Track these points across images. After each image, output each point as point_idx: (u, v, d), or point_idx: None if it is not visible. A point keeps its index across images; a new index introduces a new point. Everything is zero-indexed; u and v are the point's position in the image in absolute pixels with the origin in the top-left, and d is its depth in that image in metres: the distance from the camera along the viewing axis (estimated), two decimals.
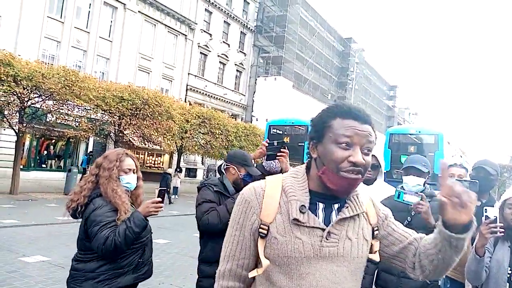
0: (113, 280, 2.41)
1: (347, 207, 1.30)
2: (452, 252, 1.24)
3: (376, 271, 2.91)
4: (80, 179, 20.41)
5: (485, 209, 2.29)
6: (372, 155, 2.56)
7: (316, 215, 1.27)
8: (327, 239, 1.24)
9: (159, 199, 2.43)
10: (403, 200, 2.67)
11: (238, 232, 1.31)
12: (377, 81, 59.28)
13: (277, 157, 2.98)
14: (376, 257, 1.35)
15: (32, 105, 14.64)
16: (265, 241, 1.26)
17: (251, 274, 1.30)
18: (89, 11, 23.95)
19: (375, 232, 1.37)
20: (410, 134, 17.10)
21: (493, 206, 2.79)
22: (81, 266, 2.45)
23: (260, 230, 1.26)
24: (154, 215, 2.42)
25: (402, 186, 2.87)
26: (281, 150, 2.95)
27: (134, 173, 2.64)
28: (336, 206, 1.30)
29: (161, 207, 2.42)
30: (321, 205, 1.29)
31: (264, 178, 1.39)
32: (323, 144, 1.28)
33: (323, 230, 1.25)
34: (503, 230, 2.23)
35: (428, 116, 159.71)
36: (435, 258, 1.27)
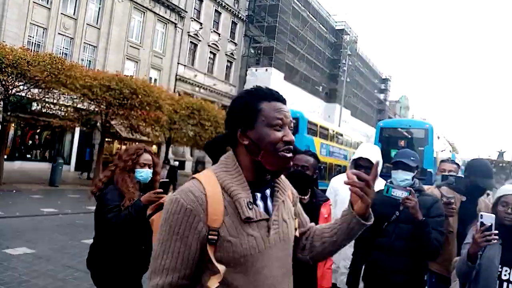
0: (125, 258, 2.80)
1: (277, 190, 1.36)
2: (345, 237, 1.41)
3: (363, 266, 2.92)
4: (81, 172, 20.32)
5: (481, 215, 2.23)
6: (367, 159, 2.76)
7: (257, 206, 1.28)
8: (272, 228, 1.28)
9: (161, 190, 2.68)
10: (392, 195, 2.66)
11: (179, 243, 1.20)
12: (369, 74, 59.41)
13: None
14: (297, 233, 1.44)
15: (17, 93, 14.32)
16: (215, 247, 1.21)
17: (213, 286, 1.20)
18: None
19: (293, 210, 1.44)
20: (400, 127, 17.25)
21: (478, 202, 2.81)
22: (97, 245, 2.93)
23: (210, 237, 1.20)
24: (156, 201, 2.64)
25: (391, 181, 2.86)
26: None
27: (150, 168, 2.93)
28: (268, 191, 1.34)
29: (163, 196, 2.64)
30: (258, 195, 1.31)
31: None
32: (256, 129, 1.29)
33: (268, 220, 1.28)
34: (497, 237, 2.19)
35: (420, 110, 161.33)
36: (328, 240, 1.43)
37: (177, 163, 19.67)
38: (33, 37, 21.46)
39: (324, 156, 18.63)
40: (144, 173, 2.89)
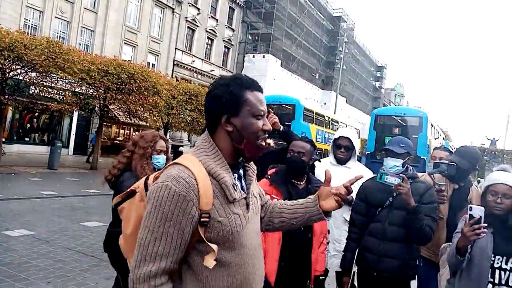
0: None
1: (248, 169, 1.47)
2: (302, 223, 1.62)
3: (356, 250, 2.99)
4: (89, 155, 20.33)
5: (470, 207, 2.17)
6: (347, 137, 3.09)
7: (237, 186, 1.38)
8: (249, 205, 1.41)
9: None
10: (385, 181, 2.71)
11: (172, 229, 1.23)
12: (365, 61, 59.24)
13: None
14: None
15: (14, 77, 14.26)
16: (204, 227, 1.27)
17: (211, 265, 1.26)
18: None
19: (257, 185, 1.59)
20: (395, 115, 17.33)
21: (470, 191, 2.83)
22: (115, 229, 2.76)
23: (202, 219, 1.26)
24: None
25: (383, 168, 2.90)
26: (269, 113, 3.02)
27: (164, 154, 2.97)
28: (241, 171, 1.45)
29: None
30: (235, 176, 1.39)
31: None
32: (240, 117, 1.34)
33: (246, 198, 1.40)
34: (486, 230, 2.14)
35: (415, 98, 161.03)
36: (286, 221, 1.63)
37: (183, 148, 19.71)
38: (29, 20, 21.23)
39: (320, 143, 18.77)
40: (161, 159, 2.94)
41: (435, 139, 18.52)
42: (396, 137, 3.13)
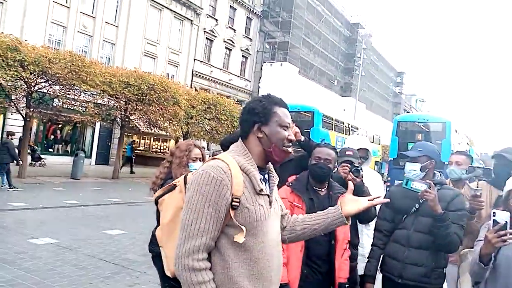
0: None
1: (272, 176, 1.69)
2: (324, 229, 1.79)
3: (381, 256, 2.93)
4: (122, 165, 20.90)
5: (493, 213, 2.03)
6: (365, 148, 3.23)
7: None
8: (272, 203, 1.62)
9: None
10: (411, 187, 2.65)
11: (211, 209, 1.44)
12: (384, 67, 58.67)
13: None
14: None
15: (39, 90, 14.68)
16: (235, 212, 1.47)
17: (240, 240, 1.46)
18: None
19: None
20: (418, 122, 17.16)
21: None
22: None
23: (234, 203, 1.47)
24: None
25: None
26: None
27: (200, 161, 3.11)
28: (266, 176, 1.66)
29: None
30: (261, 177, 1.60)
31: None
32: (269, 126, 1.61)
33: (269, 196, 1.61)
34: None
35: (436, 103, 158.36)
36: (309, 227, 1.80)
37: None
38: (53, 36, 21.91)
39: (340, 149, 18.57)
40: (197, 166, 3.04)
41: (458, 144, 18.18)
42: (418, 142, 3.07)
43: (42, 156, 19.43)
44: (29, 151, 16.67)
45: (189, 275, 1.43)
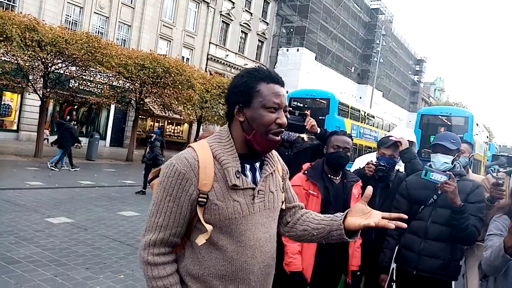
0: None
1: (266, 164, 1.47)
2: (322, 237, 1.53)
3: (396, 247, 2.89)
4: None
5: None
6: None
7: (245, 176, 1.39)
8: (257, 196, 1.40)
9: None
10: (430, 178, 2.59)
11: (172, 204, 1.33)
12: (403, 54, 57.52)
13: (305, 126, 3.02)
14: (283, 206, 1.58)
15: (56, 71, 14.80)
16: (203, 208, 1.33)
17: (200, 242, 1.35)
18: None
19: (281, 183, 1.55)
20: (441, 115, 17.34)
21: None
22: None
23: (200, 199, 1.33)
24: None
25: (430, 164, 2.78)
26: (306, 116, 3.04)
27: None
28: (257, 164, 1.45)
29: None
30: (247, 166, 1.42)
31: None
32: (251, 108, 1.37)
33: (253, 189, 1.39)
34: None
35: (455, 93, 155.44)
36: (309, 230, 1.56)
37: None
38: (70, 16, 21.97)
39: (355, 138, 18.44)
40: None
41: (476, 135, 18.04)
42: (444, 133, 3.00)
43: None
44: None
45: (146, 268, 1.35)
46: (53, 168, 12.12)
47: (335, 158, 2.73)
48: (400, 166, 3.45)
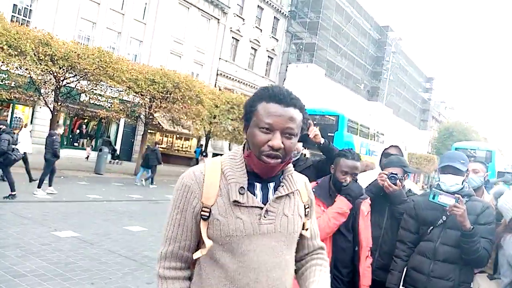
0: None
1: (282, 185, 1.40)
2: None
3: (405, 269, 2.83)
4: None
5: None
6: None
7: (254, 195, 1.34)
8: (265, 217, 1.33)
9: None
10: (438, 201, 2.55)
11: (179, 216, 1.35)
12: (413, 72, 57.51)
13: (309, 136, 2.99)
14: (307, 234, 1.50)
15: (67, 85, 15.03)
16: (207, 223, 1.32)
17: (196, 256, 1.35)
18: None
19: (307, 210, 1.48)
20: (470, 149, 20.76)
21: None
22: None
23: (202, 213, 1.32)
24: None
25: (438, 184, 2.73)
26: (310, 125, 2.97)
27: None
28: (271, 185, 1.39)
29: None
30: (258, 185, 1.37)
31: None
32: (250, 127, 1.34)
33: (261, 208, 1.33)
34: None
35: (465, 110, 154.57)
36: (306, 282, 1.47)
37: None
38: (83, 31, 22.42)
39: (364, 155, 18.34)
40: None
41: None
42: (453, 152, 2.94)
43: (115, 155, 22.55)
44: (110, 150, 20.96)
45: (157, 281, 1.36)
46: (142, 183, 14.90)
47: (344, 190, 2.66)
48: (412, 186, 3.39)
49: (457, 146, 21.57)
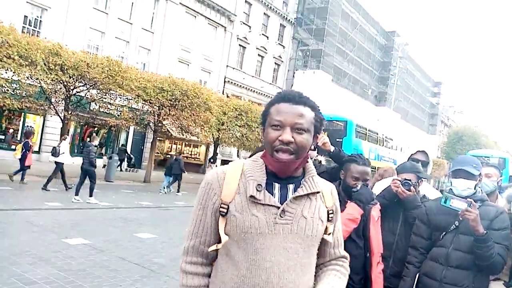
0: None
1: (301, 187, 1.40)
2: None
3: (417, 275, 2.79)
4: None
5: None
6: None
7: (272, 195, 1.36)
8: (281, 217, 1.33)
9: None
10: (450, 206, 2.50)
11: (201, 212, 1.41)
12: (421, 77, 57.24)
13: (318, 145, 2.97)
14: (330, 239, 1.46)
15: (77, 94, 15.20)
16: (225, 219, 1.35)
17: (210, 249, 1.40)
18: (132, 3, 24.51)
19: (330, 215, 1.46)
20: (483, 156, 20.18)
21: None
22: None
23: (221, 209, 1.36)
24: None
25: (450, 189, 2.69)
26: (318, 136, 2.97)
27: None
28: (291, 186, 1.40)
29: None
30: (277, 186, 1.39)
31: None
32: (265, 129, 1.40)
33: (278, 208, 1.34)
34: None
35: (474, 114, 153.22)
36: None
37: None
38: (92, 41, 22.70)
39: (373, 160, 18.27)
40: None
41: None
42: (464, 156, 2.91)
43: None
44: (126, 158, 22.44)
45: (180, 274, 1.42)
46: (164, 191, 15.30)
47: (355, 196, 2.64)
48: (431, 191, 3.36)
49: (471, 154, 21.69)
